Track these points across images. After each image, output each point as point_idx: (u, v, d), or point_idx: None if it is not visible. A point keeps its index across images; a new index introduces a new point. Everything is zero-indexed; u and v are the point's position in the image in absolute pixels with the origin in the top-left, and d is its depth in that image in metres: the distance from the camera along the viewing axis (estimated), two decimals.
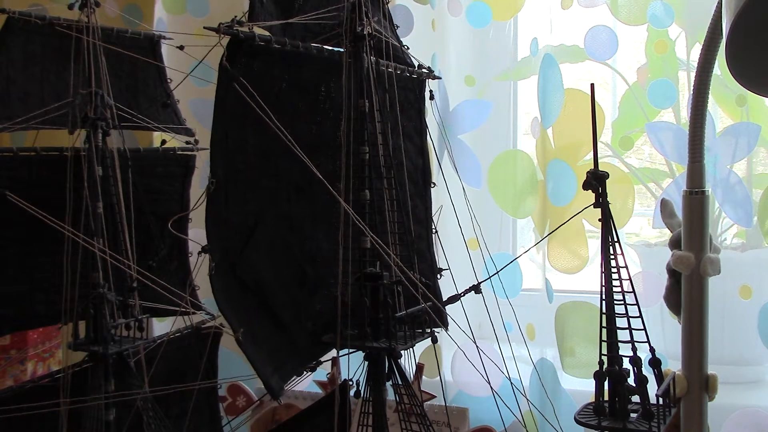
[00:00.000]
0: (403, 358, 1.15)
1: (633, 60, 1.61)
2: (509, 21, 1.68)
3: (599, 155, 0.93)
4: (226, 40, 1.07)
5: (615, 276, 0.91)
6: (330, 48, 1.20)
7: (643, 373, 0.90)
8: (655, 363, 0.93)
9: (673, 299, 1.00)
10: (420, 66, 1.35)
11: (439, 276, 1.37)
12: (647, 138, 1.51)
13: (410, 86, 1.34)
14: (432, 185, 1.40)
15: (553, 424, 1.25)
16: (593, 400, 0.92)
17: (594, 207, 0.92)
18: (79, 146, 1.26)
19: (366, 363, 1.16)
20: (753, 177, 1.53)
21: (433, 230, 1.38)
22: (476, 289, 1.13)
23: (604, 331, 0.91)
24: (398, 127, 1.25)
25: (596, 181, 0.91)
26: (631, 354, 0.91)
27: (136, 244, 1.29)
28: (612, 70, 1.60)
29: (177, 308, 1.28)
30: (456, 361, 1.62)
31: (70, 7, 1.31)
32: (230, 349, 1.40)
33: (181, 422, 1.35)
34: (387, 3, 1.31)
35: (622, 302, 0.90)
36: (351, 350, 1.15)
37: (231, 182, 1.12)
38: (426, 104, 1.39)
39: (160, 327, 1.66)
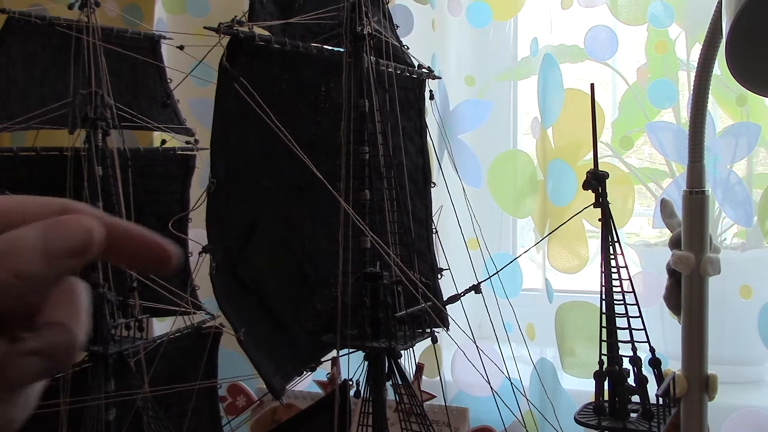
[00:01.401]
0: (403, 358, 1.15)
1: (633, 60, 1.61)
2: (509, 21, 1.68)
3: (599, 155, 0.94)
4: (226, 40, 1.07)
5: (615, 276, 0.91)
6: (330, 48, 1.20)
7: (643, 373, 0.90)
8: (655, 363, 0.93)
9: (673, 299, 1.00)
10: (420, 66, 1.35)
11: (439, 276, 1.37)
12: (647, 138, 1.51)
13: (410, 86, 1.34)
14: (432, 185, 1.40)
15: (553, 424, 1.25)
16: (593, 400, 0.92)
17: (594, 207, 0.92)
18: (79, 146, 1.26)
19: (366, 363, 1.16)
20: (753, 177, 1.53)
21: (434, 230, 1.38)
22: (476, 289, 1.13)
23: (604, 331, 0.91)
24: (398, 127, 1.25)
25: (596, 181, 0.91)
26: (631, 354, 0.91)
27: None
28: (612, 70, 1.60)
29: (177, 308, 1.28)
30: (456, 361, 1.62)
31: (70, 7, 1.30)
32: (230, 349, 1.40)
33: (181, 422, 1.35)
34: (387, 3, 1.31)
35: (622, 302, 0.90)
36: (351, 350, 1.15)
37: (231, 182, 1.12)
38: (426, 104, 1.39)
39: (160, 327, 1.66)
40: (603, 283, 0.91)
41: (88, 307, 0.35)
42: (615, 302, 0.90)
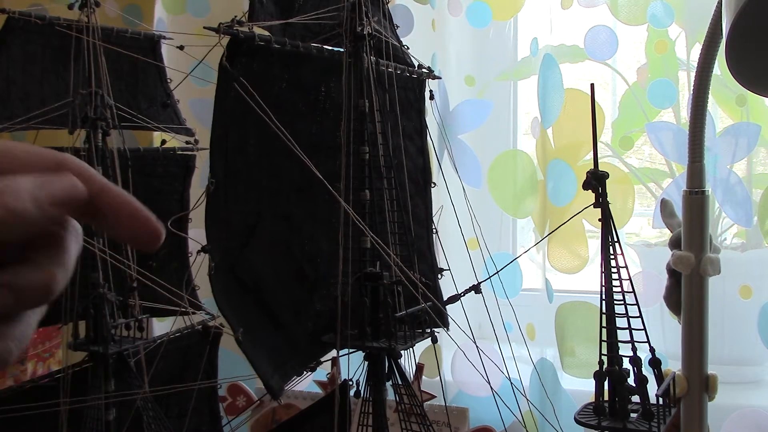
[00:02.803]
0: (403, 358, 1.15)
1: (633, 60, 1.61)
2: (509, 21, 1.68)
3: (599, 155, 0.94)
4: (226, 40, 1.07)
5: (615, 276, 0.91)
6: (330, 48, 1.20)
7: (643, 373, 0.90)
8: (655, 363, 0.93)
9: (673, 299, 1.00)
10: (420, 66, 1.35)
11: (439, 276, 1.37)
12: (647, 138, 1.51)
13: (410, 86, 1.34)
14: (432, 185, 1.40)
15: (553, 424, 1.25)
16: (593, 400, 0.92)
17: (594, 207, 0.92)
18: (79, 146, 1.26)
19: (366, 363, 1.16)
20: (753, 177, 1.53)
21: (434, 230, 1.38)
22: (476, 289, 1.13)
23: (604, 331, 0.91)
24: (398, 127, 1.25)
25: (596, 181, 0.91)
26: (631, 354, 0.91)
27: None
28: (612, 70, 1.60)
29: (177, 308, 1.28)
30: (456, 361, 1.62)
31: (70, 7, 1.30)
32: (230, 349, 1.40)
33: (181, 422, 1.35)
34: (387, 3, 1.31)
35: (622, 302, 0.90)
36: (351, 350, 1.15)
37: (231, 182, 1.12)
38: (426, 104, 1.39)
39: (161, 327, 1.66)
40: (603, 283, 0.91)
41: (74, 256, 0.38)
42: (615, 302, 0.90)
